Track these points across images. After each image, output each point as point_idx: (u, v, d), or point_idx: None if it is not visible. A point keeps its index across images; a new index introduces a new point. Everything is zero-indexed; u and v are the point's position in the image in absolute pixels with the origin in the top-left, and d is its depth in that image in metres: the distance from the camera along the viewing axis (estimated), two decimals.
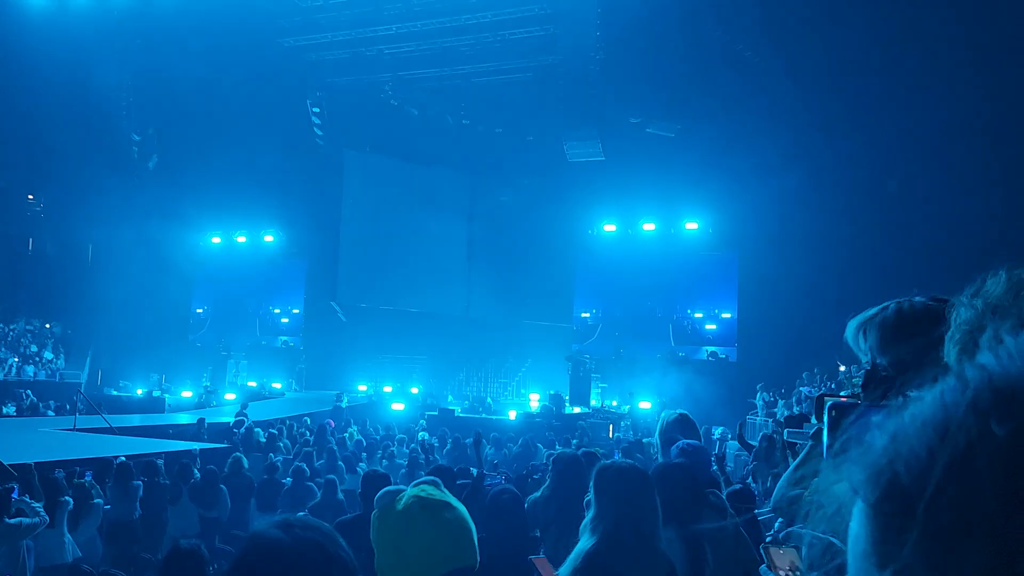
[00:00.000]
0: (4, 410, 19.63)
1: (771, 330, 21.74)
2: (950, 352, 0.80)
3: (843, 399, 1.13)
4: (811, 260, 21.09)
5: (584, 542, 2.46)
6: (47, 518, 6.28)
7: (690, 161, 22.93)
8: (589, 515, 2.53)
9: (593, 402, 22.04)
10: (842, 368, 17.94)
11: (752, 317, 23.63)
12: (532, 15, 21.86)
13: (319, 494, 7.50)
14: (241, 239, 29.07)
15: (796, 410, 17.13)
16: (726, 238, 24.51)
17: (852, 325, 1.63)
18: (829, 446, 1.11)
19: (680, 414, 3.78)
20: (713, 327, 25.45)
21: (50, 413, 19.62)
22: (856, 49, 19.76)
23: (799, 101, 21.23)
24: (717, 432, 16.23)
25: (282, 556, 1.17)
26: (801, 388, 19.20)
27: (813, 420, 1.57)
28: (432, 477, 1.96)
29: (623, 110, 23.32)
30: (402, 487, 1.90)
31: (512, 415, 19.54)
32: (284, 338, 28.58)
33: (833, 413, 1.11)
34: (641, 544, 2.40)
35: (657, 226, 25.72)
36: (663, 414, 3.90)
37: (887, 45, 19.19)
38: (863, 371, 1.75)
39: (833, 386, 17.41)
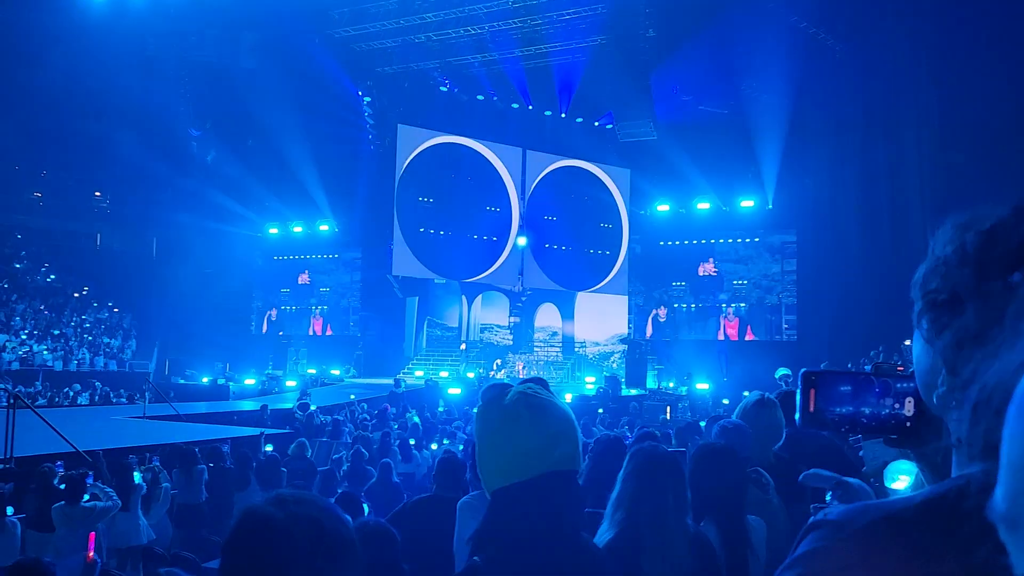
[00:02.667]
0: (79, 399, 20.48)
1: (831, 310, 21.23)
2: None
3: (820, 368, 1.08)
4: (870, 238, 20.49)
5: (602, 535, 2.33)
6: (120, 502, 6.55)
7: (744, 138, 22.45)
8: (611, 502, 2.42)
9: (650, 384, 21.88)
10: (907, 343, 17.41)
11: (812, 297, 23.09)
12: None
13: (375, 475, 7.62)
14: (298, 229, 29.58)
15: None
16: (783, 216, 23.92)
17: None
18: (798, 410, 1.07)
19: (762, 396, 3.43)
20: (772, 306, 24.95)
21: (122, 401, 20.38)
22: (917, 22, 19.03)
23: (857, 76, 20.56)
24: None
25: (274, 531, 1.15)
26: (866, 367, 18.71)
27: None
28: (539, 377, 1.86)
29: (675, 88, 22.93)
30: (510, 383, 1.81)
31: (568, 398, 19.48)
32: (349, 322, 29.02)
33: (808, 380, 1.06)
34: (659, 538, 2.31)
35: (711, 205, 25.27)
36: (746, 395, 3.62)
37: (952, 19, 18.39)
38: None
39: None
